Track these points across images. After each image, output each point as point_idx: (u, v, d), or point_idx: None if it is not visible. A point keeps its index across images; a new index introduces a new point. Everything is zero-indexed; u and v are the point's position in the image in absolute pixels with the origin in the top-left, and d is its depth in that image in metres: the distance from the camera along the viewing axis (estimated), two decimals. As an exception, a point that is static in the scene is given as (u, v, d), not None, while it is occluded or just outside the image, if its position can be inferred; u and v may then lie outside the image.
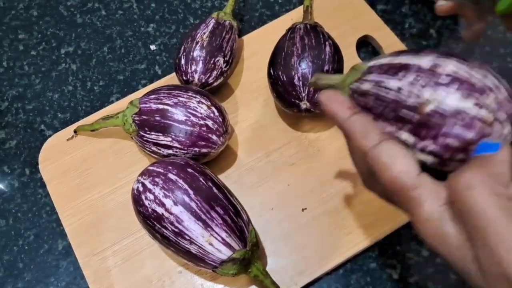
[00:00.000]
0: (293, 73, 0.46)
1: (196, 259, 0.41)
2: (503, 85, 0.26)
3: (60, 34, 0.59)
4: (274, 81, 0.48)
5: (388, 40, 0.55)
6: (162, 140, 0.45)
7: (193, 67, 0.48)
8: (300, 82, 0.46)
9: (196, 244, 0.40)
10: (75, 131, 0.51)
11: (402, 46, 0.54)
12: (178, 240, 0.40)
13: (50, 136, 0.52)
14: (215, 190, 0.41)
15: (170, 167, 0.42)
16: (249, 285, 0.44)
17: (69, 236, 0.47)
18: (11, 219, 0.49)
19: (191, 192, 0.40)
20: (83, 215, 0.48)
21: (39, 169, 0.50)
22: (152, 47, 0.58)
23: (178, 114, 0.44)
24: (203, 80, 0.49)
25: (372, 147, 0.27)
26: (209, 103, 0.45)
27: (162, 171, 0.41)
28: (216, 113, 0.45)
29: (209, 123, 0.44)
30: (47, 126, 0.54)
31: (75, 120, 0.53)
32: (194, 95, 0.45)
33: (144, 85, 0.55)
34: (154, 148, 0.45)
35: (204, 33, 0.50)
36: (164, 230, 0.40)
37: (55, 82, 0.56)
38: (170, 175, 0.41)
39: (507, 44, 0.54)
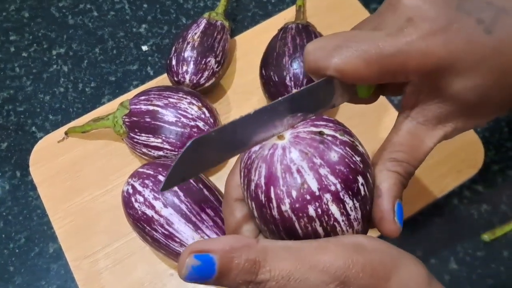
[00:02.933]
0: (284, 73, 0.46)
1: (187, 262, 0.40)
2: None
3: (51, 35, 0.59)
4: (266, 81, 0.48)
5: (381, 39, 0.54)
6: (152, 142, 0.44)
7: (184, 68, 0.48)
8: (292, 83, 0.46)
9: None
10: (66, 133, 0.51)
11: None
12: (168, 243, 0.40)
13: (41, 138, 0.52)
14: (206, 192, 0.41)
15: (160, 169, 0.41)
16: None
17: (59, 239, 0.47)
18: (1, 222, 0.49)
19: (181, 194, 0.40)
20: (74, 218, 0.47)
21: (30, 171, 0.50)
22: (144, 48, 0.57)
23: (169, 115, 0.44)
24: (195, 81, 0.48)
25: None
26: (200, 104, 0.45)
27: (152, 173, 0.41)
28: (207, 114, 0.45)
29: (200, 124, 0.44)
30: (38, 128, 0.54)
31: (66, 122, 0.53)
32: (184, 96, 0.45)
33: (136, 86, 0.55)
34: (144, 150, 0.45)
35: (195, 34, 0.50)
36: (154, 233, 0.40)
37: (47, 84, 0.56)
38: (160, 177, 0.41)
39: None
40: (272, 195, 0.24)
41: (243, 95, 0.53)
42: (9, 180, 0.51)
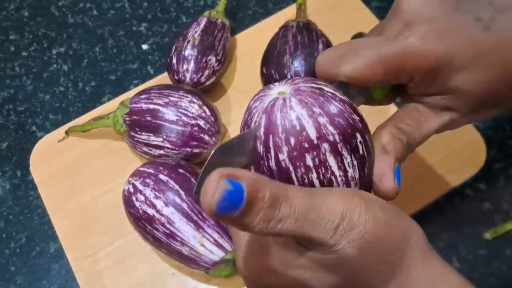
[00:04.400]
0: (285, 72, 0.46)
1: (188, 261, 0.40)
2: None
3: (51, 34, 0.59)
4: (267, 79, 0.48)
5: (382, 37, 0.54)
6: (153, 141, 0.44)
7: (185, 66, 0.48)
8: (293, 81, 0.45)
9: (188, 246, 0.39)
10: (66, 132, 0.50)
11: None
12: (169, 242, 0.39)
13: (41, 137, 0.52)
14: (207, 191, 0.41)
15: (161, 168, 0.41)
16: (243, 287, 0.44)
17: (60, 239, 0.47)
18: (2, 222, 0.49)
19: (182, 193, 0.40)
20: (75, 217, 0.47)
21: (30, 171, 0.50)
22: (144, 46, 0.57)
23: (169, 114, 0.44)
24: (195, 79, 0.48)
25: None
26: (200, 102, 0.45)
27: (153, 172, 0.41)
28: (208, 113, 0.45)
29: (201, 122, 0.44)
30: (38, 127, 0.53)
31: (66, 121, 0.53)
32: (185, 95, 0.45)
33: (136, 85, 0.55)
34: (145, 149, 0.45)
35: (196, 32, 0.49)
36: (156, 232, 0.39)
37: (47, 83, 0.56)
38: (161, 176, 0.40)
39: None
40: (271, 144, 0.25)
41: (243, 94, 0.52)
42: (10, 180, 0.51)
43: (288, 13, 0.56)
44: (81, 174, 0.49)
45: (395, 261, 0.24)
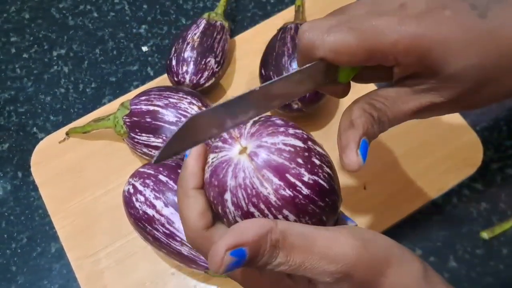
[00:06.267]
0: (284, 73, 0.46)
1: (188, 261, 0.41)
2: None
3: (52, 36, 0.59)
4: (265, 81, 0.48)
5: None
6: (153, 142, 0.44)
7: (184, 68, 0.48)
8: (291, 82, 0.46)
9: (188, 246, 0.40)
10: (67, 134, 0.51)
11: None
12: (169, 242, 0.40)
13: (42, 138, 0.52)
14: (206, 191, 0.41)
15: (161, 169, 0.42)
16: (242, 286, 0.44)
17: (61, 239, 0.47)
18: (3, 222, 0.49)
19: (182, 193, 0.40)
20: (76, 218, 0.48)
21: (31, 172, 0.50)
22: (144, 48, 0.58)
23: (169, 115, 0.44)
24: (195, 81, 0.49)
25: None
26: (200, 104, 0.45)
27: (152, 172, 0.41)
28: (207, 114, 0.45)
29: (200, 124, 0.44)
30: (39, 128, 0.54)
31: (67, 123, 0.53)
32: (185, 96, 0.45)
33: (136, 87, 0.55)
34: (145, 150, 0.45)
35: (195, 34, 0.50)
36: (155, 232, 0.40)
37: (47, 85, 0.56)
38: (161, 177, 0.41)
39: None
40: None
41: (243, 95, 0.53)
42: (11, 181, 0.51)
43: (286, 15, 0.57)
44: (82, 175, 0.50)
45: None
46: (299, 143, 0.26)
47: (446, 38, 0.25)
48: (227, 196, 0.26)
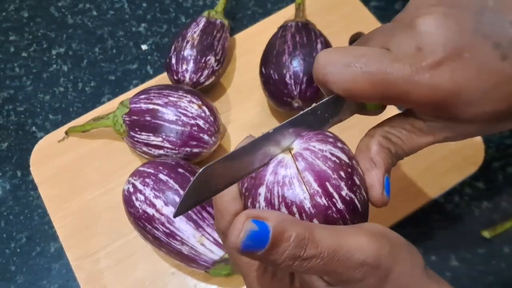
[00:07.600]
0: (284, 71, 0.46)
1: (188, 260, 0.40)
2: None
3: (51, 35, 0.59)
4: (266, 79, 0.48)
5: (381, 37, 0.54)
6: (153, 141, 0.44)
7: (184, 66, 0.48)
8: (292, 81, 0.46)
9: (188, 245, 0.39)
10: (66, 133, 0.51)
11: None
12: (169, 241, 0.40)
13: (41, 137, 0.52)
14: (207, 190, 0.41)
15: (161, 168, 0.41)
16: (243, 286, 0.44)
17: (61, 238, 0.47)
18: (2, 222, 0.49)
19: (182, 192, 0.40)
20: (75, 217, 0.47)
21: (30, 171, 0.50)
22: (144, 47, 0.57)
23: (169, 114, 0.44)
24: (194, 80, 0.48)
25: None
26: (200, 102, 0.45)
27: (152, 171, 0.41)
28: (207, 113, 0.45)
29: (200, 122, 0.44)
30: (38, 127, 0.54)
31: (66, 122, 0.53)
32: (184, 95, 0.45)
33: (136, 85, 0.55)
34: (145, 149, 0.45)
35: (195, 32, 0.50)
36: (155, 231, 0.40)
37: (46, 84, 0.56)
38: (161, 176, 0.41)
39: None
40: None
41: (243, 94, 0.53)
42: (10, 180, 0.51)
43: (287, 13, 0.56)
44: (81, 174, 0.49)
45: None
46: (345, 158, 0.26)
47: (461, 89, 0.24)
48: (262, 190, 0.25)
